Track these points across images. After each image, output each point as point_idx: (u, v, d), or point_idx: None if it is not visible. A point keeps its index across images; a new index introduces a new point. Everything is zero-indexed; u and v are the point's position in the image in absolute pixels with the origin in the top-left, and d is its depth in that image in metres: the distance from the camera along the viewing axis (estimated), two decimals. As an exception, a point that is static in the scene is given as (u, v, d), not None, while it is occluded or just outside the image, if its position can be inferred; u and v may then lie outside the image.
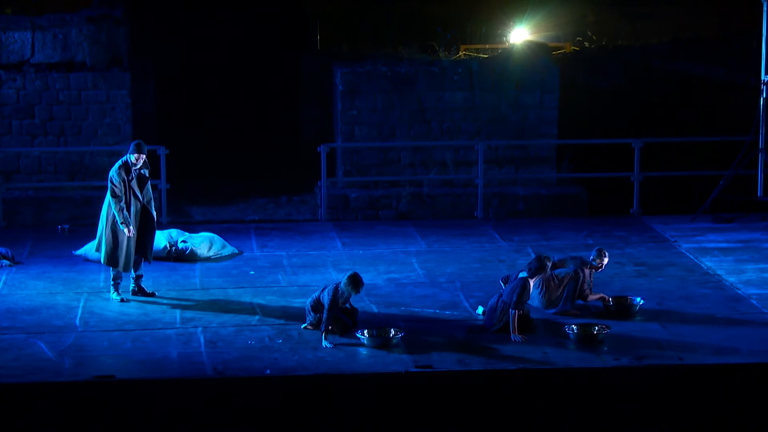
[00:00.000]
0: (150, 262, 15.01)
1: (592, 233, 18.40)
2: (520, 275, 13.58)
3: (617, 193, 20.40)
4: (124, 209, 14.48)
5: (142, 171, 14.68)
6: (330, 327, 13.16)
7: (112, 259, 14.70)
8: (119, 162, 14.64)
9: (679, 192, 20.44)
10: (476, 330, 13.62)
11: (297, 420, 12.03)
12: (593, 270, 14.39)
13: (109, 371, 12.25)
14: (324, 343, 13.05)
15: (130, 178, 14.56)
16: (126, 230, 14.48)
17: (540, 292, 14.23)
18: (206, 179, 22.04)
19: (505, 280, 14.00)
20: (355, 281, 13.25)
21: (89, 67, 20.06)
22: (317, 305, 13.46)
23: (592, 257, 14.36)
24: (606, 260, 14.43)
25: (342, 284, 13.28)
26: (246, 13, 26.11)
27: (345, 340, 13.20)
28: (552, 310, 14.18)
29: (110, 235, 14.64)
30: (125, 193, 14.53)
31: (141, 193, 14.63)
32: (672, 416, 12.28)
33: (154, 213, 14.86)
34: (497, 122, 20.27)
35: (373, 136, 20.20)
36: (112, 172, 14.55)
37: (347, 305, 13.57)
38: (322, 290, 13.46)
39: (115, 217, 14.52)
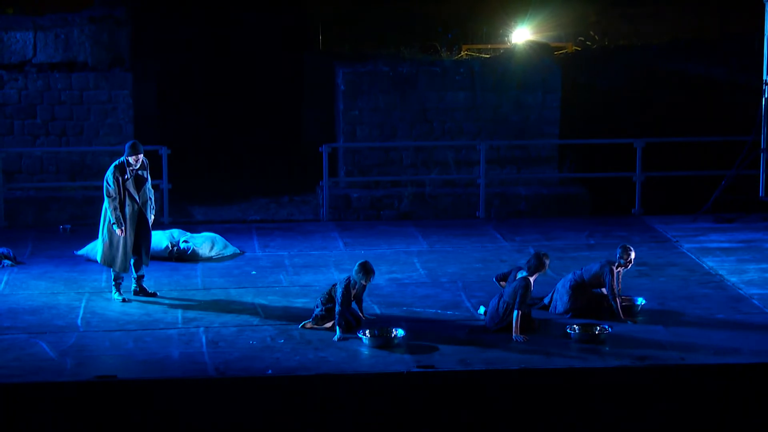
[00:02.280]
0: (147, 265, 14.98)
1: (594, 233, 18.39)
2: (520, 274, 13.54)
3: (619, 193, 20.39)
4: (117, 209, 14.48)
5: (139, 172, 14.64)
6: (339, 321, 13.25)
7: (108, 259, 14.70)
8: (115, 162, 14.65)
9: (680, 192, 20.41)
10: (478, 330, 13.61)
11: (298, 420, 12.03)
12: (621, 268, 14.06)
13: (110, 371, 12.25)
14: (336, 334, 13.16)
15: (126, 178, 14.53)
16: (118, 230, 14.48)
17: (568, 299, 14.13)
18: (208, 179, 22.04)
19: (500, 278, 13.97)
20: (366, 269, 13.29)
21: (91, 67, 20.06)
22: (328, 299, 13.50)
23: (618, 255, 14.01)
24: (633, 255, 14.05)
25: (353, 273, 13.32)
26: (248, 14, 26.13)
27: (349, 335, 13.23)
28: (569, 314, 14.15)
29: (107, 236, 14.64)
30: (120, 194, 14.51)
31: (138, 194, 14.62)
32: (673, 416, 12.27)
33: (150, 216, 14.77)
34: (499, 122, 20.26)
35: (374, 136, 20.19)
36: (108, 173, 14.56)
37: (358, 311, 13.62)
38: (333, 285, 13.50)
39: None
